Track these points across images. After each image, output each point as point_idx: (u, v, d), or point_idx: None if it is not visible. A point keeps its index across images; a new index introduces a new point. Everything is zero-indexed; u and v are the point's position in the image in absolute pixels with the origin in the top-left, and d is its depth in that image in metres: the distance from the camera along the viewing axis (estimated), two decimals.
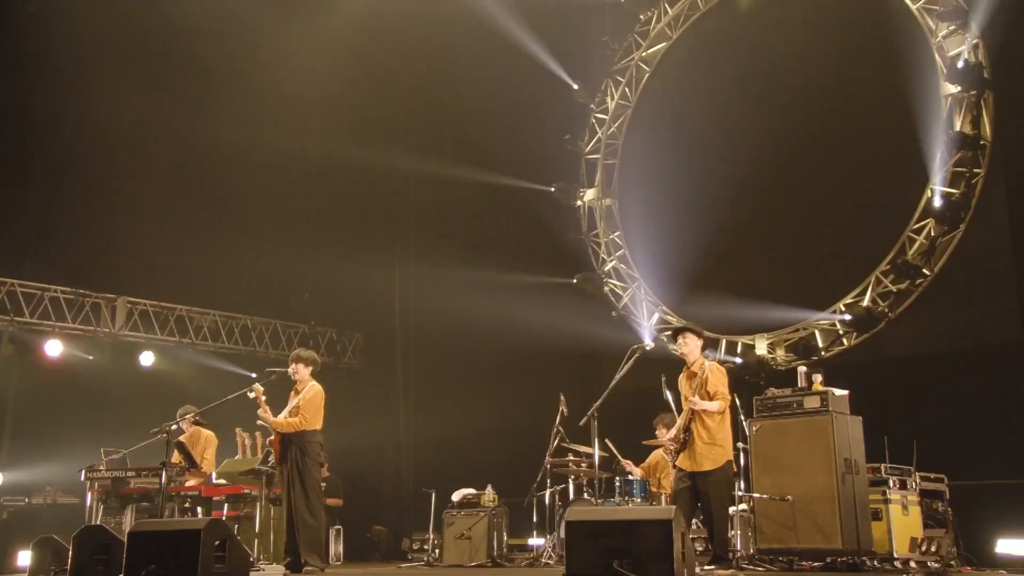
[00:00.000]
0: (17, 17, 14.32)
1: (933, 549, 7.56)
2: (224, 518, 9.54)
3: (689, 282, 13.48)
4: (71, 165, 14.69)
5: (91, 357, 14.16)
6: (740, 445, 8.30)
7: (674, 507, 5.98)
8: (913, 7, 11.73)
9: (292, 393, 8.41)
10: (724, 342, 12.91)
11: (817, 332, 12.16)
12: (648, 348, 7.75)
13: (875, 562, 7.63)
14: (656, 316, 13.65)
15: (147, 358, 14.68)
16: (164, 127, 14.67)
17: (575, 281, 14.11)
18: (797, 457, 7.72)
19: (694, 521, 8.36)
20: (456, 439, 14.33)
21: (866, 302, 11.62)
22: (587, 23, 14.52)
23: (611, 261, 14.21)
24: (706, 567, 7.04)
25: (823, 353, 12.09)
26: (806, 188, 12.62)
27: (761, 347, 12.44)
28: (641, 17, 14.32)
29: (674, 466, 7.50)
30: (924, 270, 11.24)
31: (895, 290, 11.45)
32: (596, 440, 7.56)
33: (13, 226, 14.60)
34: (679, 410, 7.77)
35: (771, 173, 12.93)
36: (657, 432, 9.11)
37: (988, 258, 11.03)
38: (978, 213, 11.09)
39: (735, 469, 7.65)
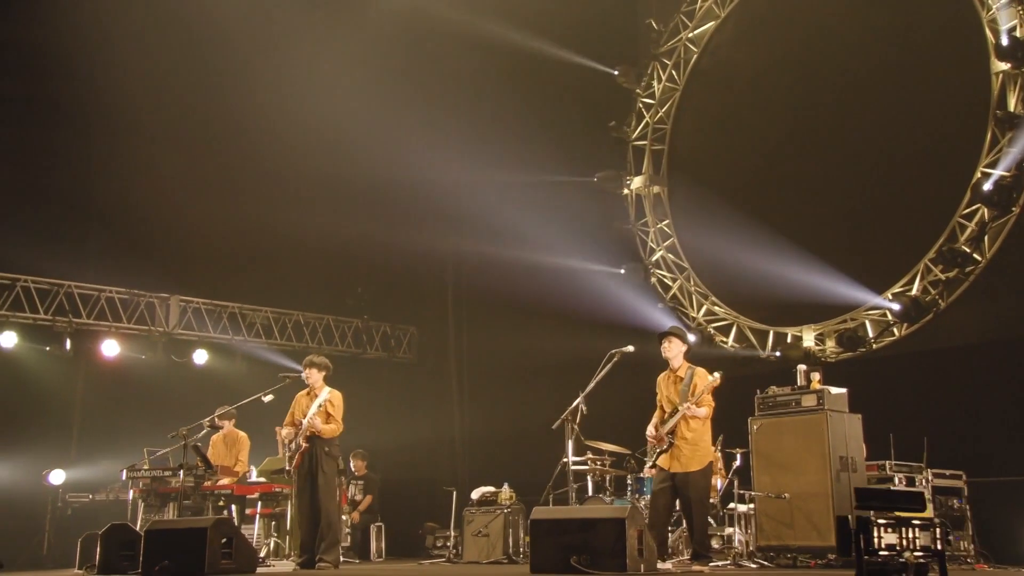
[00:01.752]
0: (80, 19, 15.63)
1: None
2: (258, 515, 10.77)
3: (739, 271, 14.18)
4: (125, 171, 16.05)
5: (143, 356, 15.54)
6: None
7: (628, 507, 6.84)
8: None
9: (305, 396, 9.47)
10: (772, 334, 13.57)
11: (867, 323, 12.72)
12: (629, 352, 8.53)
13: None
14: (704, 308, 14.36)
15: (200, 356, 16.03)
16: (216, 134, 15.96)
17: (623, 272, 14.91)
18: (794, 455, 8.47)
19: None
20: (509, 434, 15.26)
21: (915, 291, 12.13)
22: (630, 6, 15.23)
23: (659, 251, 14.95)
24: (695, 566, 7.86)
25: (873, 345, 12.67)
26: (858, 171, 13.12)
27: (808, 339, 13.05)
28: None
29: (653, 466, 8.31)
30: (975, 256, 11.70)
31: (944, 279, 11.94)
32: (570, 443, 8.41)
33: (74, 230, 16.12)
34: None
35: (822, 155, 13.50)
36: None
37: None
38: None
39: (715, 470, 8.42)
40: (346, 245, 17.31)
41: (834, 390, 8.62)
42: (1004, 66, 11.59)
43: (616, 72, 15.10)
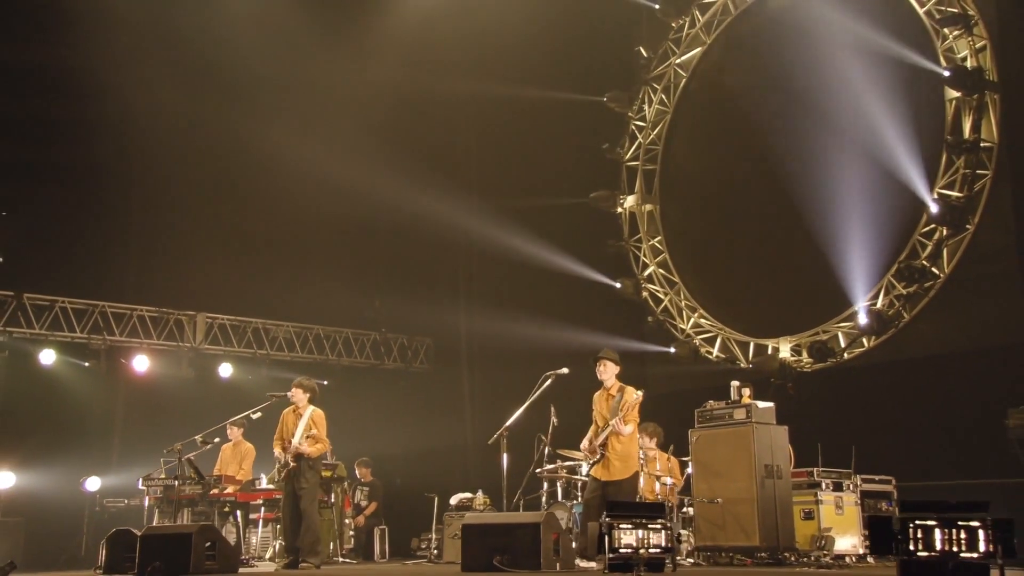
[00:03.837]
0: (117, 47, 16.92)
1: (823, 544, 9.17)
2: (261, 519, 11.97)
3: (725, 285, 15.19)
4: (155, 198, 17.37)
5: (171, 371, 16.85)
6: None
7: (545, 512, 7.88)
8: (920, 11, 12.98)
9: (291, 413, 10.61)
10: (753, 345, 14.48)
11: (840, 334, 13.59)
12: (563, 374, 9.56)
13: (812, 557, 9.30)
14: (692, 320, 15.30)
15: (225, 370, 17.30)
16: (240, 164, 17.25)
17: (618, 287, 15.91)
18: (727, 464, 9.45)
19: None
20: (518, 442, 16.26)
21: (879, 305, 12.99)
22: (619, 36, 16.24)
23: (651, 266, 15.92)
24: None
25: (845, 355, 13.54)
26: (837, 189, 13.91)
27: (784, 350, 13.94)
28: (673, 25, 15.93)
29: (587, 475, 9.34)
30: (934, 271, 12.54)
31: (905, 293, 12.79)
32: (505, 456, 9.45)
33: (113, 256, 17.51)
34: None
35: (803, 174, 14.32)
36: (640, 439, 10.91)
37: (998, 259, 12.26)
38: (987, 215, 12.31)
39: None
40: (363, 261, 18.59)
41: (761, 404, 9.57)
42: (956, 93, 12.40)
43: (605, 98, 16.06)
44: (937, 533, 4.22)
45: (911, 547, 4.21)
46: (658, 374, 15.47)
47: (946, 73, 12.10)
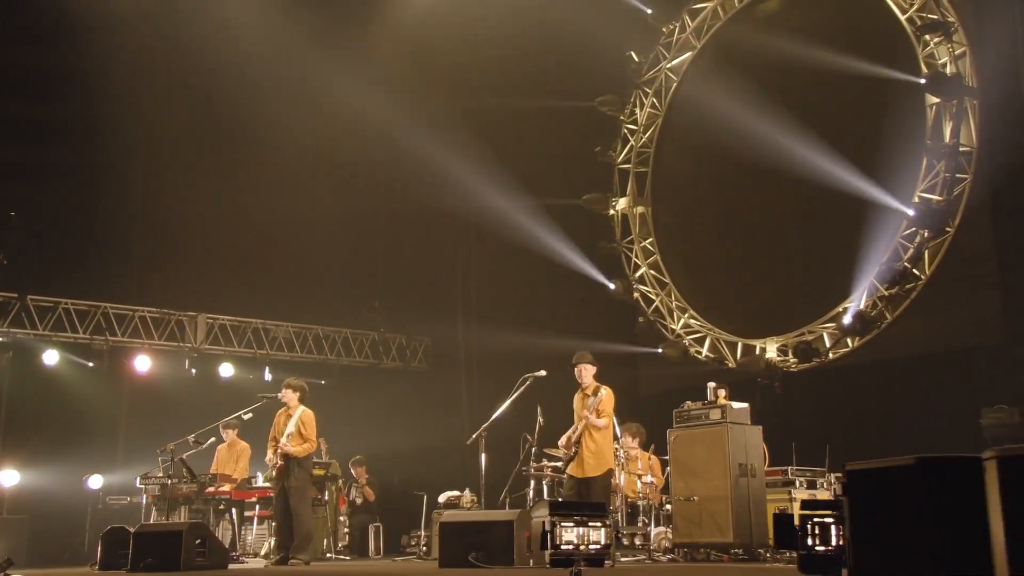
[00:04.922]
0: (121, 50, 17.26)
1: None
2: (256, 517, 12.32)
3: (715, 286, 15.49)
4: (157, 201, 17.71)
5: (173, 370, 17.21)
6: None
7: (518, 510, 8.20)
8: (902, 17, 13.25)
9: (283, 414, 10.94)
10: (741, 345, 14.77)
11: (825, 335, 13.87)
12: (542, 376, 9.88)
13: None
14: (682, 321, 15.60)
15: (226, 369, 17.65)
16: (241, 165, 17.61)
17: (612, 287, 16.21)
18: (703, 462, 9.78)
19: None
20: (513, 439, 16.60)
21: (862, 306, 13.27)
22: (611, 41, 16.51)
23: (643, 267, 16.22)
24: None
25: (830, 355, 13.82)
26: (824, 192, 14.15)
27: (771, 350, 14.22)
28: (664, 30, 16.22)
29: (565, 473, 9.68)
30: (915, 271, 12.83)
31: (887, 295, 13.07)
32: (484, 456, 9.77)
33: (115, 258, 17.87)
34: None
35: (792, 177, 14.58)
36: (622, 439, 11.25)
37: (978, 261, 12.55)
38: (966, 218, 12.58)
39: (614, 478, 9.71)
40: (362, 262, 18.93)
41: (736, 405, 9.89)
42: (936, 99, 12.68)
43: (597, 102, 16.36)
44: (833, 529, 4.59)
45: (809, 542, 4.56)
46: (649, 375, 15.80)
47: (923, 81, 12.32)
